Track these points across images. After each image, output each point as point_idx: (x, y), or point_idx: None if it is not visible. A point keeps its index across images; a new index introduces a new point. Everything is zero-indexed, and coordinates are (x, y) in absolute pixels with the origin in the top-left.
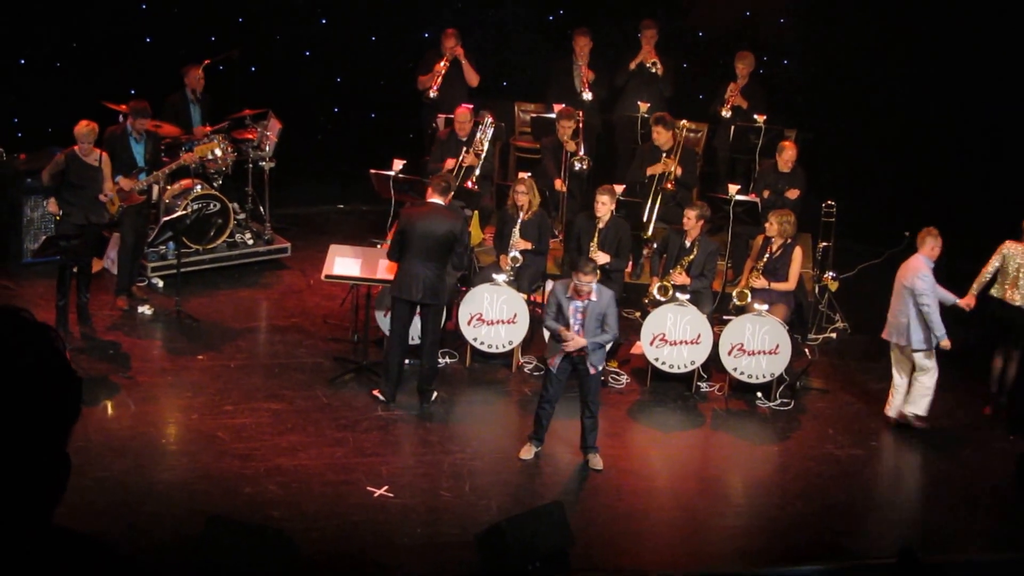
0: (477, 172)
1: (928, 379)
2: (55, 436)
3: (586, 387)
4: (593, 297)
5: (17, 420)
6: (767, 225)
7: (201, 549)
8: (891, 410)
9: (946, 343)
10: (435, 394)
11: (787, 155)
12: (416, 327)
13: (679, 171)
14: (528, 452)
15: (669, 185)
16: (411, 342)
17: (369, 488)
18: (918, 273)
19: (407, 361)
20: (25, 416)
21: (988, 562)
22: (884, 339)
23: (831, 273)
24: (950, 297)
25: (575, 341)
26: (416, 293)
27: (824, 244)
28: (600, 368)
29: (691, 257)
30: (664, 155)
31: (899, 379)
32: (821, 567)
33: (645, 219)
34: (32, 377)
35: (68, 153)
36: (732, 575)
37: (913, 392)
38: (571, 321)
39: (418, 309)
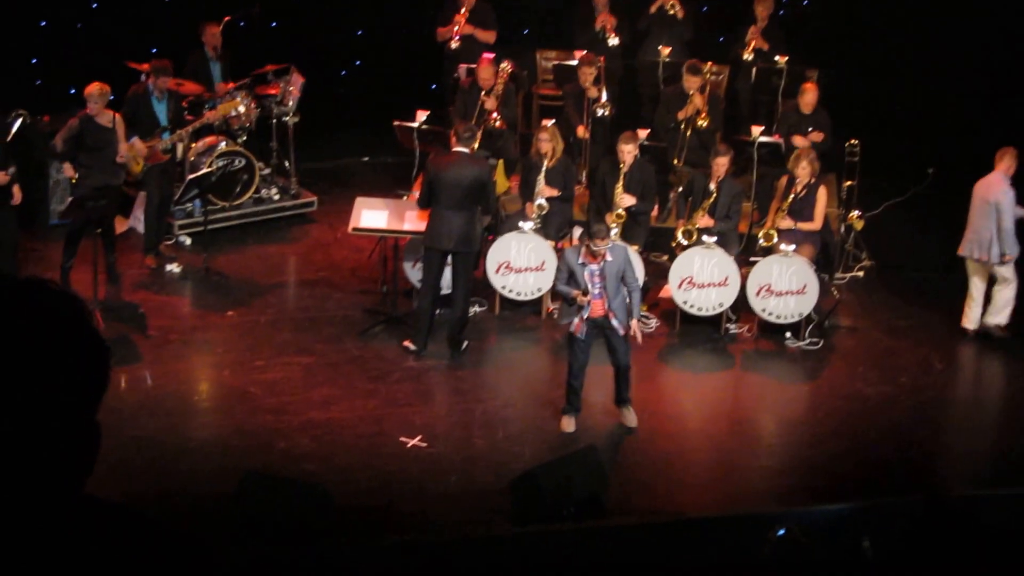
0: (497, 114)
1: (1009, 291)
2: (84, 407)
3: (615, 346)
4: (608, 257)
5: (46, 392)
6: (792, 166)
7: (237, 505)
8: (969, 323)
9: (1010, 257)
10: (466, 343)
11: (808, 97)
12: (447, 277)
13: (706, 107)
14: (569, 424)
15: (702, 121)
16: (442, 292)
17: (402, 438)
18: (1001, 189)
19: (438, 311)
20: (54, 388)
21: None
22: (961, 255)
23: (856, 212)
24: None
25: (594, 306)
26: (448, 242)
27: (849, 183)
28: (630, 326)
29: (712, 199)
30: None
31: (977, 293)
32: (853, 505)
33: (676, 162)
34: (60, 349)
35: (82, 116)
36: (765, 515)
37: (995, 303)
38: (589, 287)
39: (449, 258)
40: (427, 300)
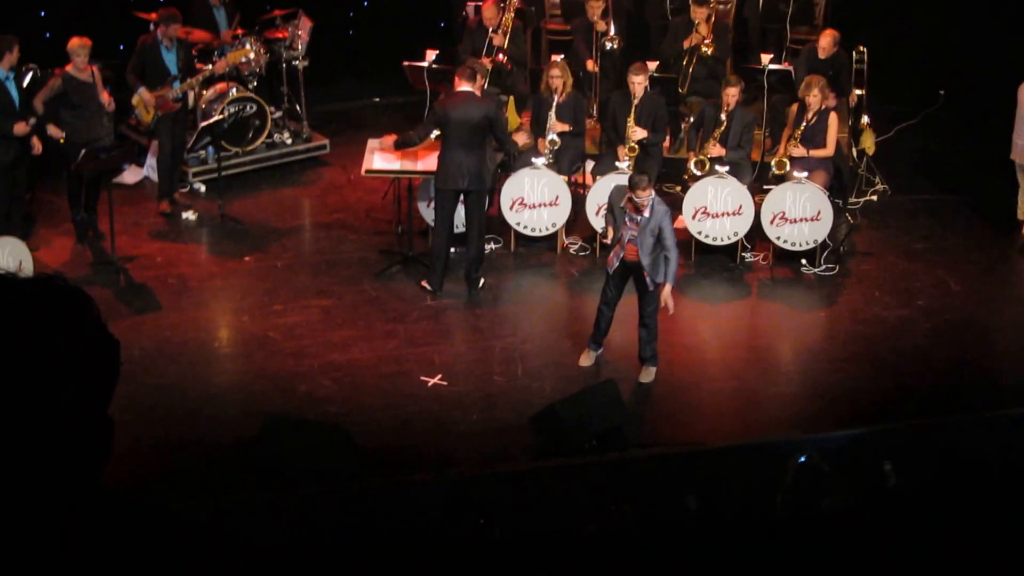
0: (504, 55)
1: None
2: (95, 401)
3: (643, 299)
4: (646, 213)
5: (56, 388)
6: (804, 93)
7: (261, 449)
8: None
9: None
10: (483, 281)
11: (824, 42)
12: (460, 215)
13: (711, 36)
14: (588, 358)
15: (707, 49)
16: (456, 231)
17: (423, 378)
18: None
19: (453, 250)
20: (64, 384)
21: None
22: (1012, 160)
23: (866, 118)
24: None
25: (628, 249)
26: (461, 182)
27: (859, 92)
28: (663, 283)
29: (723, 128)
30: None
31: None
32: (873, 429)
33: (682, 90)
34: (69, 345)
35: (63, 75)
36: (786, 442)
37: None
38: (624, 233)
39: (462, 197)
40: (442, 240)
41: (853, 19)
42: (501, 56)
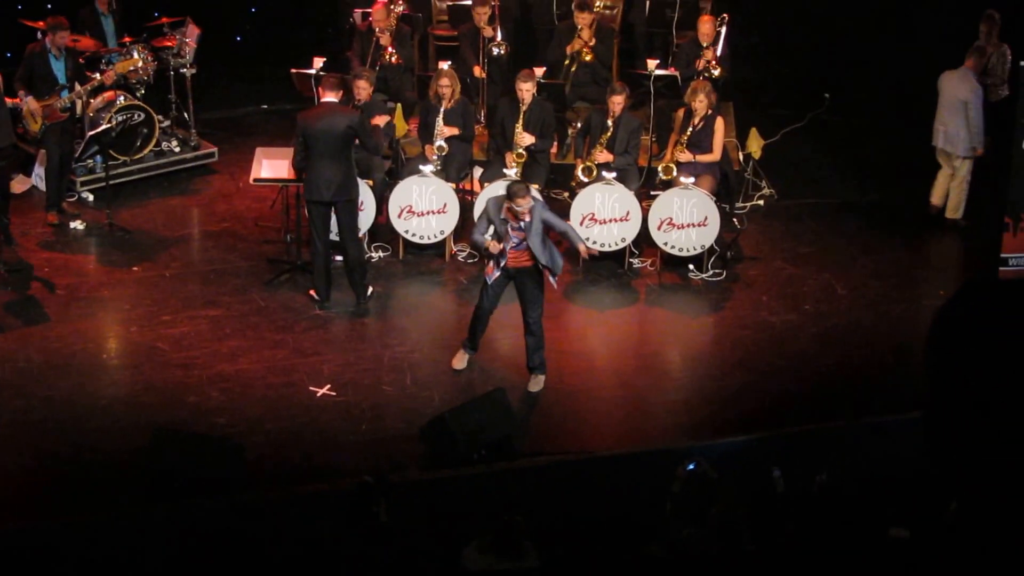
0: (393, 51)
1: (964, 186)
2: None
3: (527, 307)
4: (527, 218)
5: None
6: (690, 99)
7: (149, 461)
8: (936, 198)
9: (980, 151)
10: (371, 289)
11: (705, 28)
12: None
13: (593, 41)
14: (460, 361)
15: (587, 55)
16: (336, 239)
17: (311, 388)
18: (970, 86)
19: (337, 258)
20: None
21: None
22: (934, 146)
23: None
24: None
25: (513, 256)
26: (326, 192)
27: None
28: (551, 280)
29: (609, 134)
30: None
31: (944, 174)
32: (762, 435)
33: (566, 91)
34: None
35: None
36: (675, 450)
37: (951, 202)
38: (512, 243)
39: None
40: (320, 252)
41: (739, 22)
42: (389, 51)
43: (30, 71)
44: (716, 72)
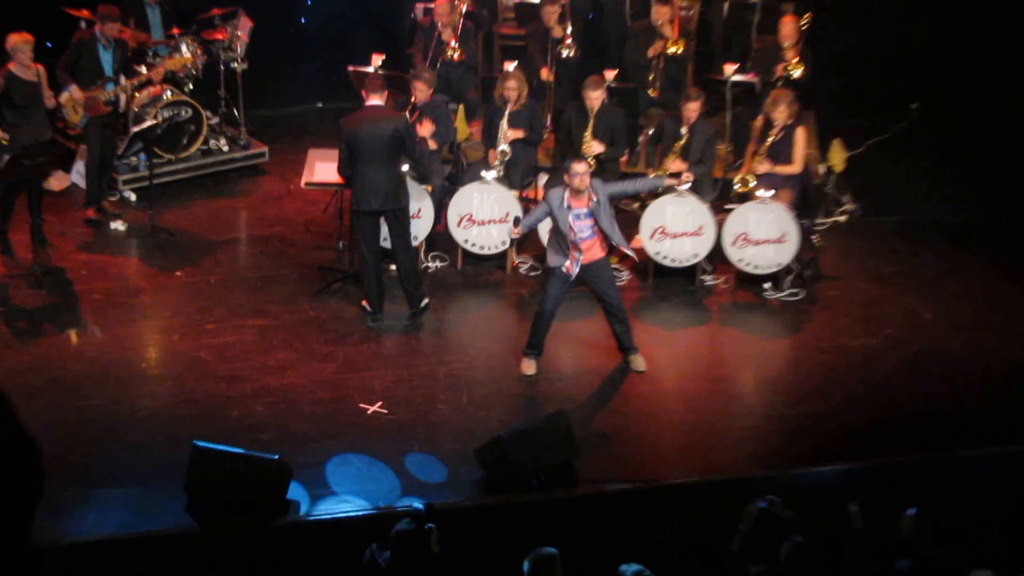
0: (456, 45)
1: None
2: (15, 520)
3: (604, 291)
4: (594, 197)
5: None
6: (769, 109)
7: (189, 480)
8: None
9: None
10: (426, 300)
11: (787, 30)
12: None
13: (681, 48)
14: (530, 366)
15: (676, 47)
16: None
17: (362, 405)
18: None
19: (393, 267)
20: None
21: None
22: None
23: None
24: None
25: (588, 248)
26: (375, 201)
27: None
28: (631, 252)
29: (683, 141)
30: (660, 34)
31: None
32: (839, 467)
33: (652, 92)
34: None
35: (5, 73)
36: (745, 480)
37: None
38: (578, 235)
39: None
40: (371, 265)
41: (824, 27)
42: (452, 46)
43: (76, 59)
44: (797, 72)
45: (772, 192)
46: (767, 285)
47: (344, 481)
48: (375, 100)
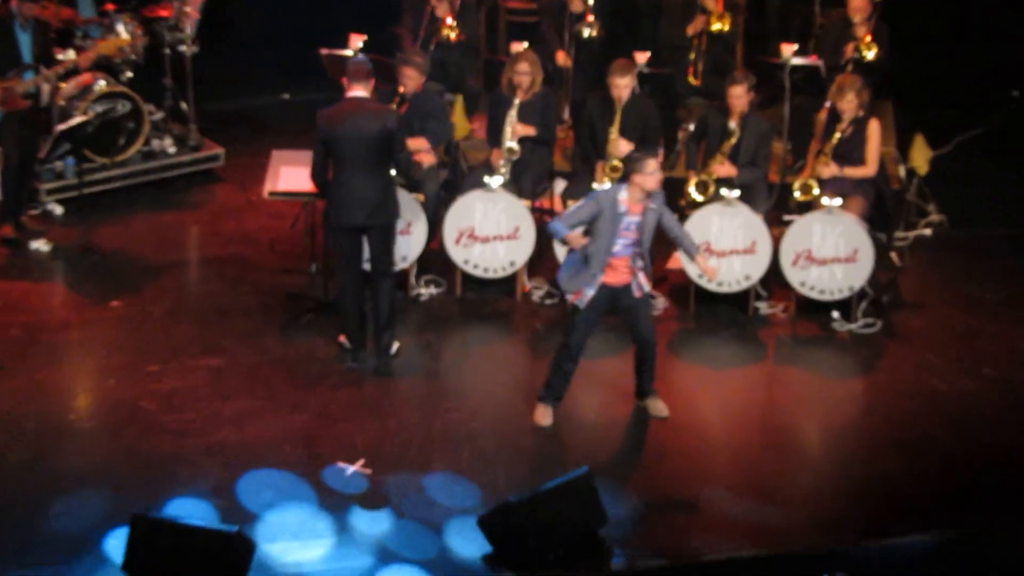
0: (453, 23)
1: None
2: None
3: (641, 323)
4: (652, 204)
5: None
6: (835, 97)
7: (129, 558)
8: None
9: None
10: (396, 345)
11: (858, 3)
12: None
13: (727, 24)
14: (545, 415)
15: (720, 24)
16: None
17: (340, 464)
18: None
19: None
20: None
21: None
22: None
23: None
24: None
25: (615, 267)
26: (359, 215)
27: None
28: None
29: (733, 140)
30: (701, 7)
31: None
32: (927, 538)
33: (693, 79)
34: None
35: None
36: (812, 555)
37: None
38: (618, 245)
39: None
40: (350, 292)
41: (903, 4)
42: (449, 24)
43: None
44: (871, 53)
45: (841, 200)
46: (835, 314)
47: (317, 559)
48: (359, 91)
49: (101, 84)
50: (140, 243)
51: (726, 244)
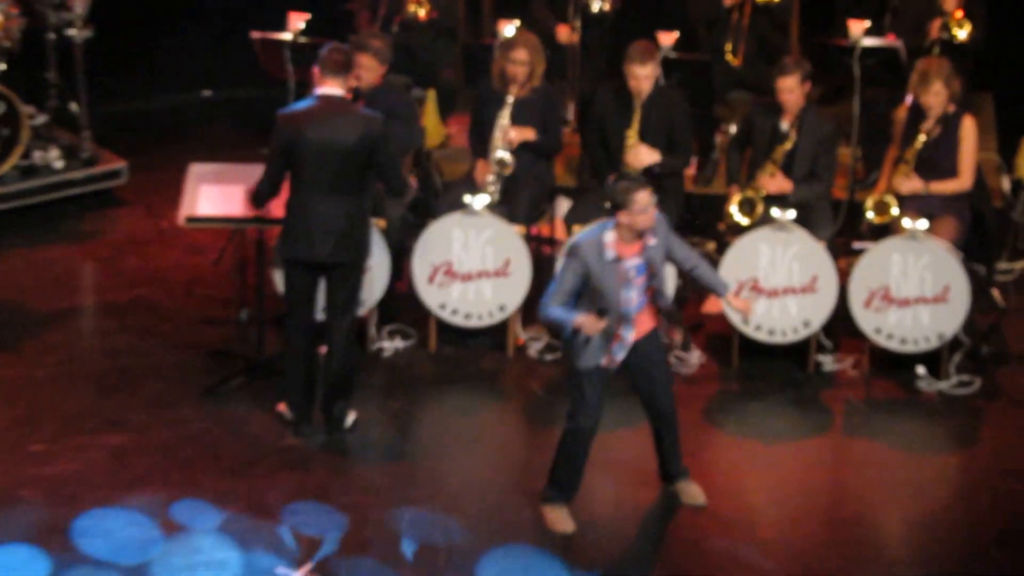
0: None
1: None
2: None
3: (655, 381)
4: (651, 240)
5: None
6: (918, 89)
7: None
8: None
9: None
10: (352, 416)
11: None
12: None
13: None
14: (562, 520)
15: None
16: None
17: (279, 572)
18: None
19: (322, 350)
20: None
21: None
22: None
23: None
24: None
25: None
26: (321, 248)
27: None
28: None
29: (788, 146)
30: None
31: None
32: None
33: (732, 59)
34: None
35: None
36: None
37: None
38: (623, 296)
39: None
40: (296, 346)
41: None
42: (415, 2)
43: None
44: (964, 32)
45: (927, 222)
46: (921, 370)
47: None
48: (332, 87)
49: None
50: (18, 286)
51: (779, 281)
